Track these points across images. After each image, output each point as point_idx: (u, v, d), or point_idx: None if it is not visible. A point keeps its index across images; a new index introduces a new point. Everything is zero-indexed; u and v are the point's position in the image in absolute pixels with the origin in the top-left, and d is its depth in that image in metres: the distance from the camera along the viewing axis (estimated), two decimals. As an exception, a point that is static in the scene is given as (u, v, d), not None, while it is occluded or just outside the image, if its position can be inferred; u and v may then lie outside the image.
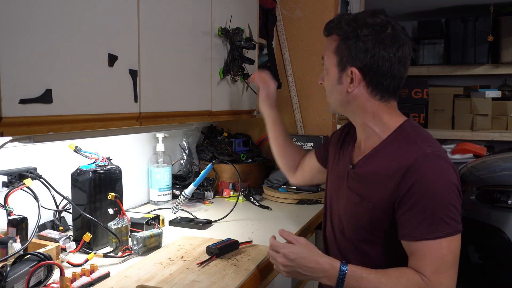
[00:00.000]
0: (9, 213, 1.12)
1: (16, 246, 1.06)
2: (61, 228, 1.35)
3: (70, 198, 1.30)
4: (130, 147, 1.80)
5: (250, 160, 2.16)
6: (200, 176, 1.58)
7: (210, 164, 1.59)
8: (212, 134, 2.30)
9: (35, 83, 0.88)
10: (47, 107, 0.91)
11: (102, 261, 1.20)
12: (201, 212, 1.76)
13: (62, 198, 1.32)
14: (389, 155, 1.08)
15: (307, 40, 2.29)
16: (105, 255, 1.23)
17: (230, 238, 1.33)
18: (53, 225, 1.37)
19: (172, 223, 1.59)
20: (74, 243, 1.24)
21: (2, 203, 1.13)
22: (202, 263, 1.19)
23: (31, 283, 0.96)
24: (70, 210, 1.35)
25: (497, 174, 3.03)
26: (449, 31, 4.14)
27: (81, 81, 1.00)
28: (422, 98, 4.20)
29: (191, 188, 1.59)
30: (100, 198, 1.30)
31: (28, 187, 1.16)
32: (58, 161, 1.42)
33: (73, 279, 1.04)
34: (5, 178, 1.19)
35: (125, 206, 1.61)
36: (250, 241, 1.36)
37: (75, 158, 1.35)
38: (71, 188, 1.30)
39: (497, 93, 4.09)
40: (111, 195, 1.29)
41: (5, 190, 1.15)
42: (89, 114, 1.03)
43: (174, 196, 1.90)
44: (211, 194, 1.99)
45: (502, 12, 3.94)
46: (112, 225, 1.26)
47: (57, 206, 1.36)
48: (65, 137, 1.12)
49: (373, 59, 1.06)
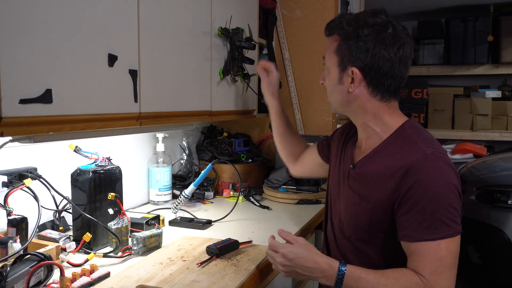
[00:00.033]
0: (9, 213, 1.12)
1: (16, 246, 1.06)
2: (61, 228, 1.36)
3: (70, 198, 1.30)
4: (130, 147, 1.80)
5: (250, 160, 2.16)
6: (200, 176, 1.58)
7: (210, 164, 1.59)
8: (212, 134, 2.30)
9: (35, 83, 0.88)
10: (47, 107, 0.91)
11: (102, 261, 1.20)
12: (201, 212, 1.76)
13: (62, 198, 1.32)
14: (390, 156, 1.08)
15: (307, 40, 2.29)
16: (105, 255, 1.23)
17: (230, 238, 1.33)
18: (53, 225, 1.37)
19: (172, 223, 1.59)
20: (74, 243, 1.24)
21: (2, 203, 1.13)
22: (202, 263, 1.19)
23: (31, 283, 0.96)
24: (70, 210, 1.35)
25: (497, 174, 3.03)
26: (449, 31, 4.14)
27: (81, 81, 1.00)
28: (422, 98, 4.20)
29: (191, 188, 1.59)
30: (100, 198, 1.30)
31: (28, 187, 1.16)
32: (58, 161, 1.42)
33: (73, 279, 1.04)
34: (5, 178, 1.19)
35: (125, 206, 1.61)
36: (250, 241, 1.36)
37: (75, 158, 1.35)
38: (71, 188, 1.30)
39: (497, 93, 4.09)
40: (111, 195, 1.29)
41: (5, 190, 1.15)
42: (89, 114, 1.03)
43: (174, 196, 1.90)
44: (211, 194, 2.00)
45: (502, 12, 3.94)
46: (112, 225, 1.26)
47: (57, 206, 1.36)
48: (65, 137, 1.13)
49: (374, 59, 1.06)
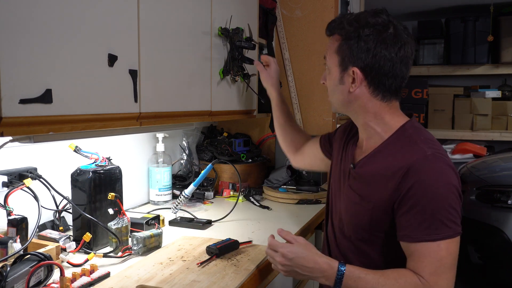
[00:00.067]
0: (9, 213, 1.12)
1: (16, 246, 1.06)
2: (61, 228, 1.36)
3: (70, 198, 1.30)
4: (130, 147, 1.80)
5: (250, 160, 2.16)
6: (200, 176, 1.58)
7: (210, 164, 1.59)
8: (212, 134, 2.30)
9: (35, 83, 0.88)
10: (47, 107, 0.91)
11: (102, 261, 1.20)
12: (201, 212, 1.76)
13: (62, 198, 1.32)
14: (390, 156, 1.08)
15: (307, 40, 2.29)
16: (105, 255, 1.23)
17: (230, 238, 1.33)
18: (53, 225, 1.37)
19: (172, 223, 1.59)
20: (74, 243, 1.24)
21: (2, 203, 1.13)
22: (202, 263, 1.19)
23: (31, 283, 0.96)
24: (70, 210, 1.35)
25: (497, 174, 3.03)
26: (449, 31, 4.14)
27: (81, 81, 1.00)
28: (422, 98, 4.20)
29: (191, 188, 1.59)
30: (100, 198, 1.30)
31: (28, 187, 1.16)
32: (58, 161, 1.42)
33: (73, 279, 1.04)
34: (5, 178, 1.19)
35: (125, 206, 1.61)
36: (250, 241, 1.36)
37: (75, 158, 1.35)
38: (71, 188, 1.30)
39: (497, 93, 4.09)
40: (111, 195, 1.29)
41: (5, 190, 1.15)
42: (89, 114, 1.03)
43: (174, 196, 1.90)
44: (211, 194, 2.00)
45: (502, 12, 3.94)
46: (112, 225, 1.26)
47: (57, 206, 1.36)
48: (65, 137, 1.13)
49: (375, 59, 1.06)
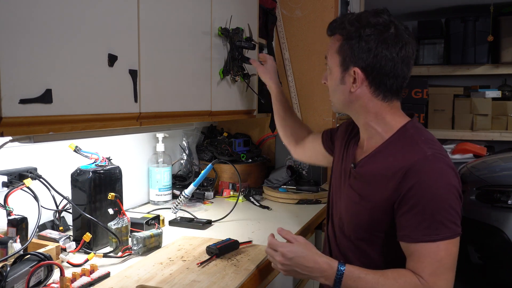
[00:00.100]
0: (9, 213, 1.12)
1: (16, 246, 1.06)
2: (61, 228, 1.36)
3: (70, 198, 1.30)
4: (130, 147, 1.80)
5: (250, 160, 2.16)
6: (200, 176, 1.58)
7: (210, 164, 1.59)
8: (212, 134, 2.30)
9: (35, 83, 0.88)
10: (47, 107, 0.91)
11: (102, 261, 1.20)
12: (201, 212, 1.76)
13: (62, 198, 1.32)
14: (391, 156, 1.08)
15: (307, 40, 2.29)
16: (105, 255, 1.23)
17: (230, 238, 1.33)
18: (53, 225, 1.37)
19: (172, 223, 1.59)
20: (74, 243, 1.24)
21: (2, 203, 1.13)
22: (202, 263, 1.19)
23: (31, 283, 0.96)
24: (70, 210, 1.35)
25: (497, 174, 3.03)
26: (449, 31, 4.14)
27: (81, 81, 1.00)
28: (422, 98, 4.20)
29: (191, 188, 1.59)
30: (100, 198, 1.30)
31: (28, 187, 1.16)
32: (58, 161, 1.42)
33: (73, 279, 1.04)
34: (5, 178, 1.19)
35: (125, 206, 1.61)
36: (250, 241, 1.36)
37: (75, 158, 1.35)
38: (71, 188, 1.30)
39: (497, 93, 4.09)
40: (111, 195, 1.29)
41: (5, 190, 1.15)
42: (89, 114, 1.03)
43: (174, 196, 1.90)
44: (211, 194, 2.00)
45: (502, 12, 3.94)
46: (112, 225, 1.26)
47: (57, 206, 1.36)
48: (65, 137, 1.12)
49: (376, 59, 1.06)
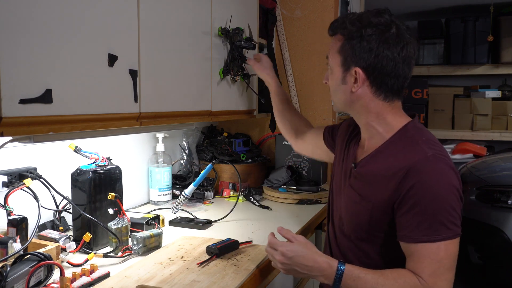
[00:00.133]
0: (9, 213, 1.12)
1: (16, 246, 1.06)
2: (61, 228, 1.36)
3: (70, 198, 1.30)
4: (130, 147, 1.80)
5: (250, 160, 2.16)
6: (200, 176, 1.58)
7: (210, 164, 1.59)
8: (212, 134, 2.29)
9: (35, 83, 0.88)
10: (47, 107, 0.91)
11: (102, 261, 1.20)
12: (201, 212, 1.76)
13: (62, 198, 1.32)
14: (392, 156, 1.08)
15: (307, 40, 2.29)
16: (105, 255, 1.23)
17: (230, 238, 1.33)
18: (53, 225, 1.37)
19: (172, 223, 1.59)
20: (74, 243, 1.24)
21: (2, 203, 1.13)
22: (202, 263, 1.19)
23: (31, 283, 0.96)
24: (70, 210, 1.35)
25: (497, 174, 3.03)
26: (449, 31, 4.14)
27: (81, 81, 1.00)
28: (422, 98, 4.20)
29: (191, 188, 1.59)
30: (100, 198, 1.30)
31: (28, 187, 1.16)
32: (58, 161, 1.42)
33: (73, 279, 1.04)
34: (5, 178, 1.19)
35: (125, 206, 1.61)
36: (250, 241, 1.36)
37: (75, 158, 1.35)
38: (71, 188, 1.30)
39: (497, 93, 4.09)
40: (111, 195, 1.29)
41: (5, 190, 1.15)
42: (89, 114, 1.03)
43: (174, 196, 1.90)
44: (211, 194, 1.99)
45: (502, 12, 3.94)
46: (112, 225, 1.26)
47: (57, 206, 1.36)
48: (65, 137, 1.13)
49: (377, 59, 1.05)
